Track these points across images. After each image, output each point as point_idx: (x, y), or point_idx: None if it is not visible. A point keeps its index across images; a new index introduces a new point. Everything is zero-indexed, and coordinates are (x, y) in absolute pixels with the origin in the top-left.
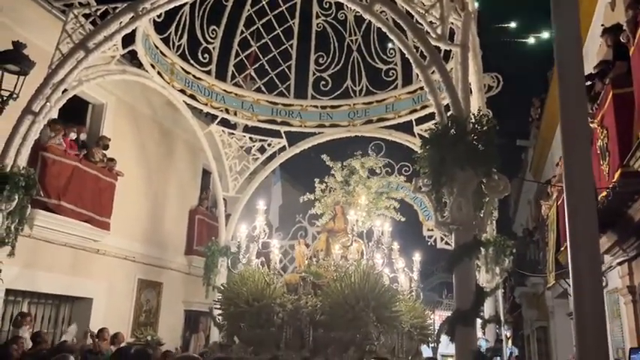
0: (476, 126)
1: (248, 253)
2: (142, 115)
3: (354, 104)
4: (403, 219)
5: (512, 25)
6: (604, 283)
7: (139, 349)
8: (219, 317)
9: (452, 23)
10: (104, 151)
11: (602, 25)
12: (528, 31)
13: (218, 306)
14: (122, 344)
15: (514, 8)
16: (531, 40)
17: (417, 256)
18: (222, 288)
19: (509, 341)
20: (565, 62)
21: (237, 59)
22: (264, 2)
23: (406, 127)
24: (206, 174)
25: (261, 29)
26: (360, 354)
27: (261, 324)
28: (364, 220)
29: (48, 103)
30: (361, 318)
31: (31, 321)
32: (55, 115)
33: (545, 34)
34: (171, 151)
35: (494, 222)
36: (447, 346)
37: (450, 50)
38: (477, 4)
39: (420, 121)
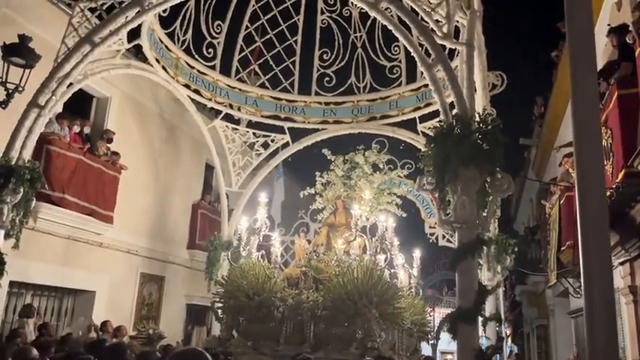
0: (480, 125)
1: (249, 245)
2: (147, 109)
3: (357, 101)
4: (404, 214)
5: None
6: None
7: (112, 344)
8: (220, 311)
9: (457, 21)
10: (108, 145)
11: (609, 25)
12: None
13: (218, 299)
14: (124, 337)
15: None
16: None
17: (417, 253)
18: (222, 281)
19: (509, 339)
20: (578, 55)
21: (242, 54)
22: None
23: (409, 125)
24: (209, 169)
25: (266, 25)
26: (362, 350)
27: (260, 318)
28: (368, 215)
29: (53, 97)
30: (364, 314)
31: (37, 313)
32: (59, 108)
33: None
34: (175, 145)
35: (496, 220)
36: (447, 343)
37: (454, 49)
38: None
39: (424, 118)
